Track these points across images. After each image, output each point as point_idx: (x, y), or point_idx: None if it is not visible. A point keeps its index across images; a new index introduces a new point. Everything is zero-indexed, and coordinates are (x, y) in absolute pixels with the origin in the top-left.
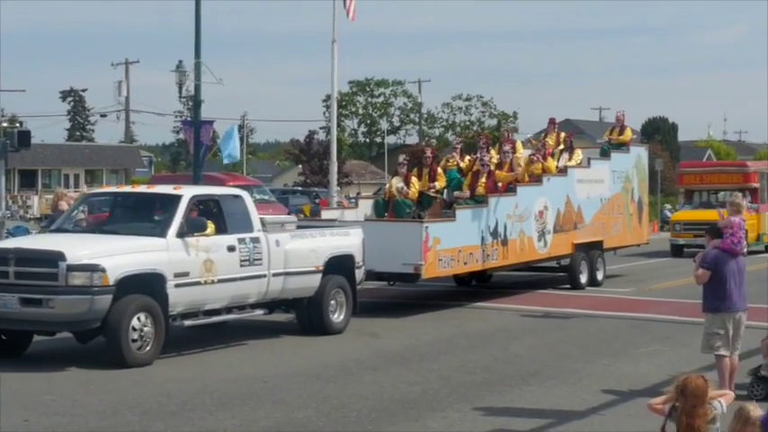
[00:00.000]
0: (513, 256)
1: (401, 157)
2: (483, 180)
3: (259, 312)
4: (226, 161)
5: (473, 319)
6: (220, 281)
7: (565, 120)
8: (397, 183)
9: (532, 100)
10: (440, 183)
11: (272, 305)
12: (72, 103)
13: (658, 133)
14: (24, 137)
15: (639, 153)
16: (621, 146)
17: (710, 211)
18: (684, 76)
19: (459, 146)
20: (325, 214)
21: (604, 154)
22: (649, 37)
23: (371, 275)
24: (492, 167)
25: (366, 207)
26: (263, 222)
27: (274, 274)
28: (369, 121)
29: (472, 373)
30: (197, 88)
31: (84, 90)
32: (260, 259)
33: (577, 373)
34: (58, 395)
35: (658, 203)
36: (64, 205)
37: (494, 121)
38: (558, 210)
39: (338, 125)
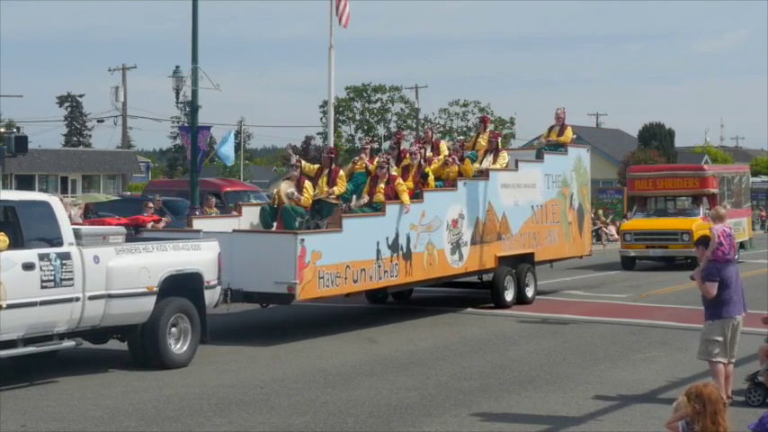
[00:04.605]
0: (418, 272)
1: (293, 159)
2: (382, 185)
3: (70, 344)
4: (228, 162)
5: (470, 324)
6: (11, 306)
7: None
8: (286, 187)
9: (530, 106)
10: (338, 188)
11: (95, 334)
12: (69, 109)
13: (655, 139)
14: (21, 142)
15: (580, 155)
16: (560, 147)
17: (666, 219)
18: (681, 83)
19: (368, 147)
20: (197, 224)
21: (539, 156)
22: (646, 43)
23: (239, 296)
24: (396, 171)
25: (253, 215)
26: (77, 234)
27: (91, 297)
28: (366, 127)
29: (469, 379)
30: (194, 94)
31: (81, 95)
32: (70, 279)
33: (575, 379)
34: (55, 401)
35: None
36: None
37: (491, 127)
38: (478, 218)
39: (335, 131)
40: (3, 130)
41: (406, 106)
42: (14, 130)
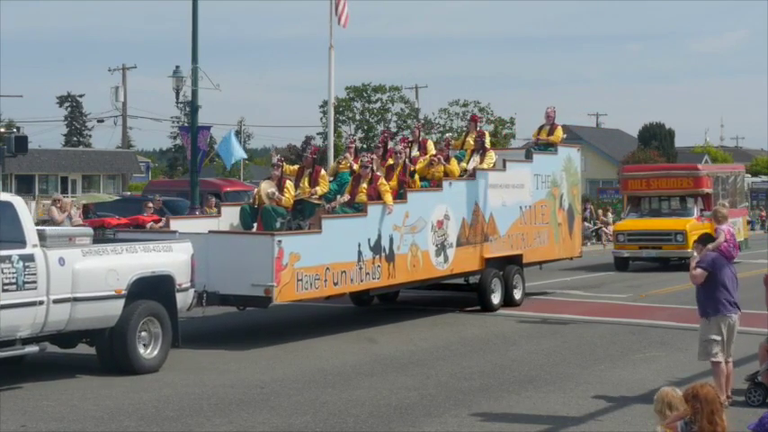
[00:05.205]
0: (402, 274)
1: (275, 158)
2: (364, 185)
3: (33, 349)
4: (231, 163)
5: (470, 324)
6: None
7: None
8: (267, 187)
9: (530, 106)
10: (320, 188)
11: (62, 338)
12: (69, 109)
13: (655, 139)
14: (21, 142)
15: (570, 154)
16: (550, 147)
17: (660, 219)
18: (681, 83)
19: (352, 146)
20: (175, 225)
21: (528, 156)
22: (646, 43)
23: (215, 299)
24: (380, 171)
25: (233, 215)
26: (41, 236)
27: (56, 301)
28: (366, 127)
29: (469, 379)
30: (194, 94)
31: (81, 95)
32: (33, 282)
33: (575, 379)
34: (56, 401)
35: None
36: (54, 212)
37: (491, 127)
38: (464, 219)
39: (335, 131)
40: (3, 130)
41: (406, 106)
42: (14, 130)
